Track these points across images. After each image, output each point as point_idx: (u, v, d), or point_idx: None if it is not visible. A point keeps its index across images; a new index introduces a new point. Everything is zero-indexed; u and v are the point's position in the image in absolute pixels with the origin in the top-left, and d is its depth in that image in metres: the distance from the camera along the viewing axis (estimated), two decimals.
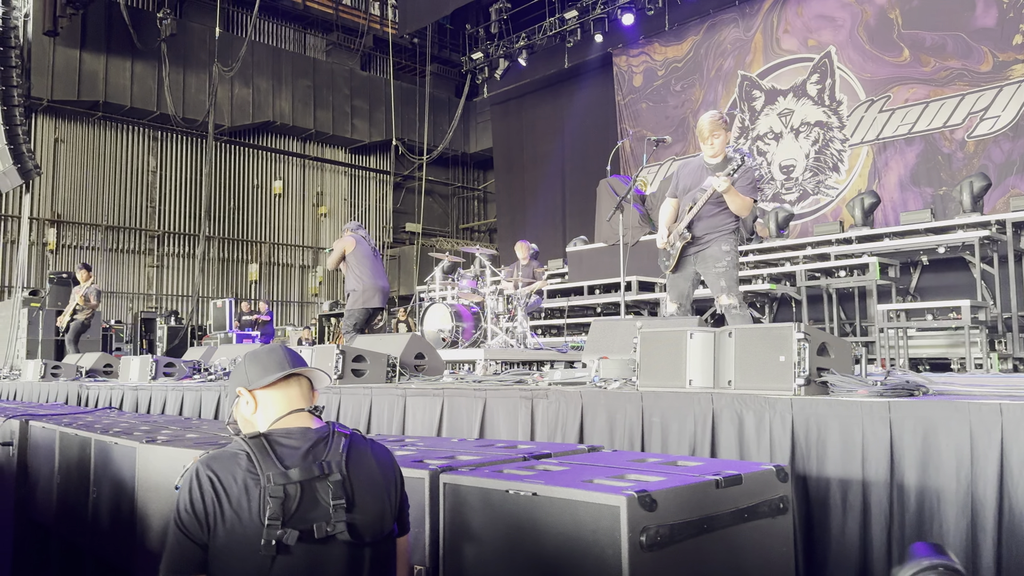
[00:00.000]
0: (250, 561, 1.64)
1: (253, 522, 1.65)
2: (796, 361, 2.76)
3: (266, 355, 1.90)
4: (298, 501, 1.67)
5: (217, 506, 1.67)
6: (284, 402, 1.84)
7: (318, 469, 1.71)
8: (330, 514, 1.69)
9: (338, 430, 1.84)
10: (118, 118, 17.49)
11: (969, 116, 10.56)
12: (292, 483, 1.68)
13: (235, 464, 1.71)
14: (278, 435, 1.77)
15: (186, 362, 6.79)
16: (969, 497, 2.27)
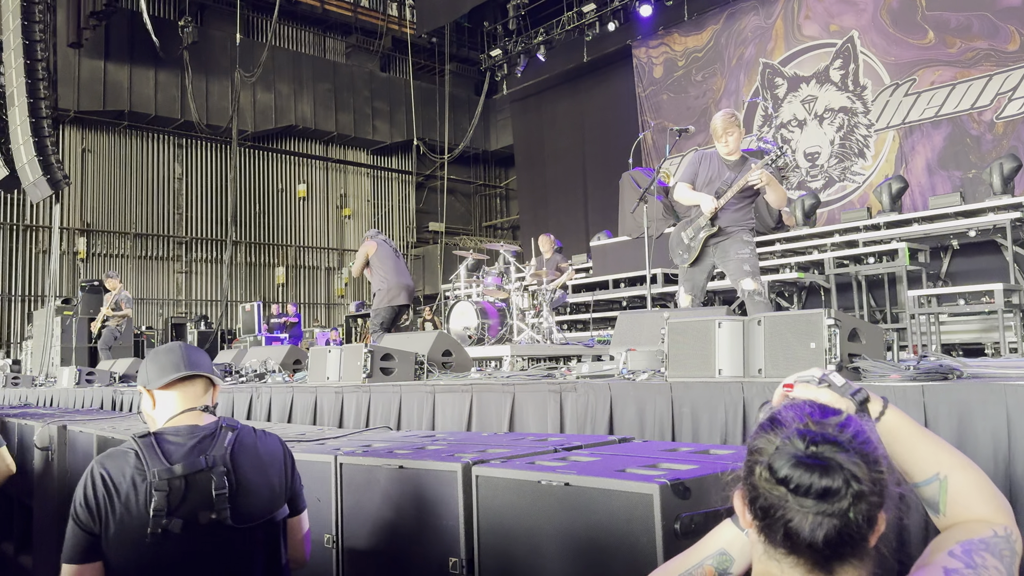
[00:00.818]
0: (140, 549, 1.80)
1: (141, 514, 1.80)
2: (827, 348, 2.74)
3: (164, 355, 2.04)
4: (183, 493, 1.83)
5: (107, 501, 1.83)
6: (179, 401, 2.00)
7: (202, 463, 1.87)
8: (214, 503, 1.84)
9: (226, 424, 2.00)
10: (143, 127, 17.74)
11: (997, 97, 10.37)
12: (176, 477, 1.84)
13: (125, 462, 1.87)
14: (168, 433, 1.94)
15: (217, 364, 6.88)
16: (1008, 480, 2.24)
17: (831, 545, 1.00)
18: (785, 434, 1.05)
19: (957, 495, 1.18)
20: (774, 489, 1.03)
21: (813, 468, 1.01)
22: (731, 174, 4.88)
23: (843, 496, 0.99)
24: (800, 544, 1.01)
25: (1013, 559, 1.12)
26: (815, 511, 1.00)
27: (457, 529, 2.02)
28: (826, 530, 1.00)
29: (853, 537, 1.01)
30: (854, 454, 1.02)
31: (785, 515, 1.02)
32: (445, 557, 2.04)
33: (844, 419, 1.07)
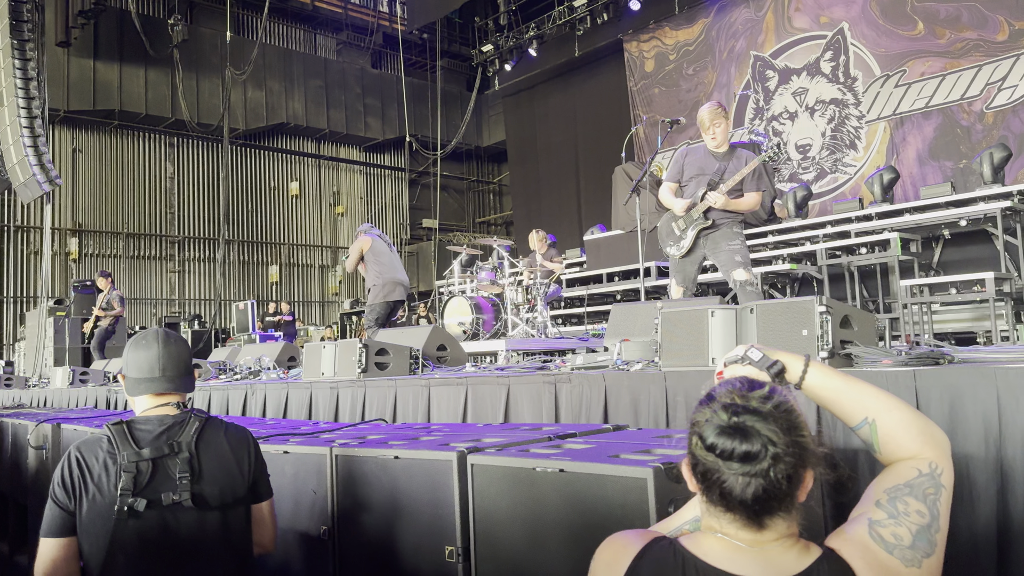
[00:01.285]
0: (109, 525, 1.98)
1: (111, 494, 1.99)
2: (819, 334, 2.75)
3: (143, 354, 2.19)
4: (149, 475, 2.01)
5: (82, 482, 2.02)
6: (153, 399, 2.19)
7: (168, 448, 2.05)
8: (177, 485, 2.01)
9: (195, 415, 2.17)
10: (134, 126, 17.67)
11: (987, 87, 10.41)
12: (144, 460, 2.02)
13: (98, 447, 2.06)
14: (139, 422, 2.12)
15: (212, 363, 6.87)
16: (999, 463, 2.26)
17: (759, 501, 1.16)
18: (714, 408, 1.21)
19: (887, 436, 1.29)
20: (707, 456, 1.18)
21: (735, 435, 1.16)
22: (721, 164, 4.89)
23: (762, 459, 1.14)
24: (733, 502, 1.17)
25: (938, 494, 1.22)
26: (740, 472, 1.15)
27: (453, 518, 2.02)
28: (753, 489, 1.15)
29: (778, 494, 1.15)
30: (772, 421, 1.16)
31: (720, 478, 1.17)
32: (441, 546, 2.05)
33: (768, 391, 1.21)
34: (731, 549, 1.19)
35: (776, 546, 1.19)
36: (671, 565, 1.21)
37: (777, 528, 1.18)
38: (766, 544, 1.18)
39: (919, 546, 1.19)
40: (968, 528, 2.28)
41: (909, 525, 1.20)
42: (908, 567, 1.17)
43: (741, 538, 1.19)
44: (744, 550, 1.18)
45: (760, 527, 1.18)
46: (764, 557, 1.18)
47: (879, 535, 1.19)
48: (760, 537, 1.18)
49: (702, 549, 1.21)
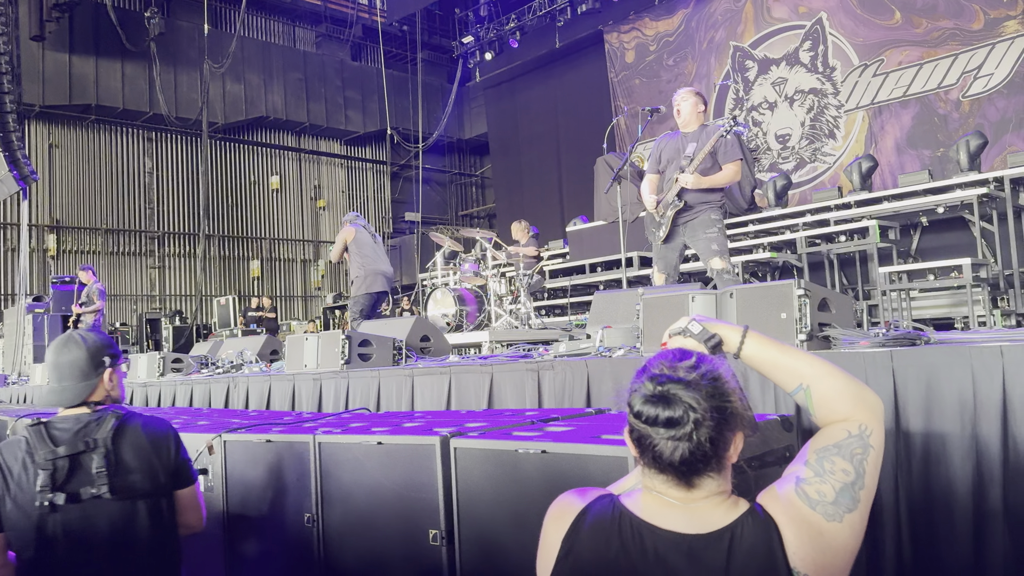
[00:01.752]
0: (33, 521, 2.10)
1: (31, 490, 2.10)
2: (797, 317, 2.79)
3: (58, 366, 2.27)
4: (67, 471, 2.12)
5: (3, 482, 2.15)
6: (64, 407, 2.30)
7: (83, 445, 2.14)
8: (95, 479, 2.11)
9: (111, 411, 2.25)
10: (112, 120, 17.46)
11: (963, 76, 10.51)
12: (60, 457, 2.12)
13: (18, 448, 2.17)
14: (57, 422, 2.22)
15: (194, 357, 6.83)
16: (973, 440, 2.30)
17: (686, 463, 1.25)
18: (644, 379, 1.29)
19: (821, 400, 1.35)
20: (638, 423, 1.28)
21: (658, 403, 1.25)
22: (692, 145, 4.90)
23: (685, 423, 1.23)
24: (664, 464, 1.26)
25: (866, 454, 1.30)
26: (666, 437, 1.24)
27: (436, 501, 2.03)
28: (681, 452, 1.24)
29: (705, 456, 1.24)
30: (695, 389, 1.25)
31: (651, 443, 1.26)
32: (425, 529, 2.05)
33: (695, 361, 1.29)
34: (664, 505, 1.29)
35: (706, 503, 1.27)
36: (609, 519, 1.30)
37: (707, 487, 1.27)
38: (697, 501, 1.28)
39: (841, 502, 1.25)
40: (945, 504, 2.31)
41: (833, 483, 1.26)
42: (829, 522, 1.24)
43: (673, 496, 1.28)
44: (676, 506, 1.28)
45: (690, 486, 1.27)
46: (693, 512, 1.27)
47: (804, 492, 1.26)
48: (691, 495, 1.28)
49: (638, 505, 1.31)
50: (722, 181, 4.86)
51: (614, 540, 1.28)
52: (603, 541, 1.29)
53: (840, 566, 1.24)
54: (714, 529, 1.25)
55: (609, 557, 1.27)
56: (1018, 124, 9.93)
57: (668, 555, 1.24)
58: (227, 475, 2.76)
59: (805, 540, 1.22)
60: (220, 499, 2.76)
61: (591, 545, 1.30)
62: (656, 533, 1.26)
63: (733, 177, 4.89)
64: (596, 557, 1.28)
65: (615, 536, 1.28)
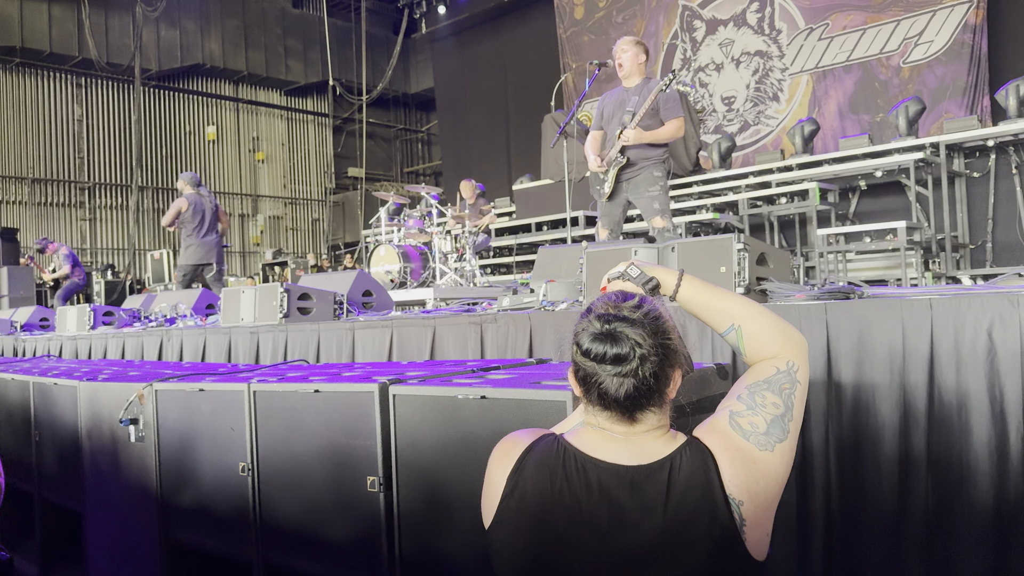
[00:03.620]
0: None
1: None
2: (736, 271, 2.82)
3: None
4: None
5: None
6: None
7: None
8: None
9: None
10: (37, 64, 16.60)
11: (904, 42, 10.70)
12: None
13: None
14: None
15: (125, 310, 6.63)
16: (902, 391, 2.37)
17: (631, 398, 1.30)
18: (590, 318, 1.34)
19: (751, 339, 1.43)
20: (585, 361, 1.32)
21: (606, 340, 1.30)
22: (635, 99, 4.86)
23: (631, 359, 1.29)
24: (609, 400, 1.31)
25: (793, 388, 1.38)
26: (613, 373, 1.29)
27: (375, 448, 2.01)
28: (626, 388, 1.30)
29: (647, 391, 1.31)
30: (639, 327, 1.30)
31: (597, 379, 1.31)
32: (364, 477, 2.03)
33: (638, 301, 1.35)
34: (607, 440, 1.34)
35: (647, 436, 1.34)
36: (554, 455, 1.35)
37: (648, 421, 1.33)
38: (638, 435, 1.34)
39: (773, 432, 1.33)
40: (872, 451, 2.39)
41: (764, 415, 1.34)
42: (762, 451, 1.31)
43: (616, 430, 1.34)
44: (618, 440, 1.34)
45: (633, 421, 1.33)
46: (635, 445, 1.33)
47: (737, 424, 1.34)
48: (633, 429, 1.34)
49: (582, 441, 1.36)
50: (664, 136, 4.83)
51: (558, 474, 1.32)
52: (547, 476, 1.33)
53: (772, 494, 1.31)
54: (654, 460, 1.31)
55: (553, 491, 1.31)
56: (955, 91, 10.18)
57: (610, 486, 1.29)
58: (159, 426, 2.68)
59: (739, 468, 1.29)
60: (153, 449, 2.68)
61: (536, 480, 1.34)
62: (599, 466, 1.31)
63: (675, 133, 4.86)
64: (541, 491, 1.33)
65: (559, 470, 1.33)
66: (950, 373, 2.27)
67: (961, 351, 2.26)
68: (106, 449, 2.94)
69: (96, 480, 3.04)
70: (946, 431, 2.26)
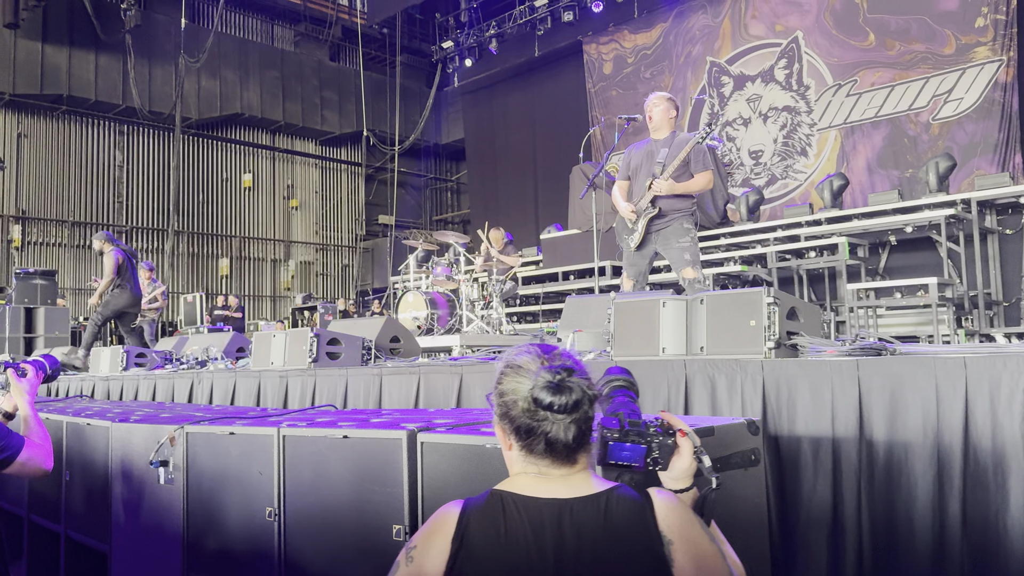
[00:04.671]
0: None
1: None
2: (766, 325, 2.81)
3: None
4: None
5: None
6: None
7: None
8: None
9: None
10: (83, 112, 17.18)
11: (933, 99, 10.73)
12: None
13: None
14: None
15: (157, 352, 6.72)
16: (935, 450, 2.33)
17: (575, 440, 1.40)
18: (534, 374, 1.40)
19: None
20: (537, 414, 1.38)
21: (563, 391, 1.38)
22: (663, 150, 4.92)
23: (583, 404, 1.39)
24: (558, 445, 1.39)
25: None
26: (568, 420, 1.38)
27: (402, 497, 2.01)
28: (573, 432, 1.39)
29: (587, 430, 1.42)
30: (577, 373, 1.41)
31: (544, 428, 1.38)
32: (389, 525, 2.03)
33: (561, 350, 1.45)
34: (544, 481, 1.41)
35: (581, 474, 1.43)
36: (493, 508, 1.39)
37: (583, 460, 1.44)
38: (575, 473, 1.42)
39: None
40: (906, 512, 2.34)
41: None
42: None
43: (556, 473, 1.42)
44: (555, 478, 1.41)
45: (573, 462, 1.42)
46: (571, 482, 1.41)
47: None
48: (572, 469, 1.42)
49: (518, 487, 1.42)
50: (694, 189, 4.90)
51: (500, 523, 1.37)
52: (491, 528, 1.37)
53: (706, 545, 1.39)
54: (591, 493, 1.40)
55: (500, 540, 1.36)
56: (986, 148, 10.15)
57: (553, 518, 1.36)
58: (188, 467, 2.71)
59: (671, 514, 1.39)
60: (181, 491, 2.70)
61: (481, 536, 1.37)
62: (539, 503, 1.38)
63: (705, 186, 4.94)
64: (488, 544, 1.36)
65: (500, 519, 1.37)
66: (985, 433, 2.23)
67: (997, 411, 2.22)
68: (135, 490, 2.97)
69: (123, 520, 3.06)
70: (982, 493, 2.21)
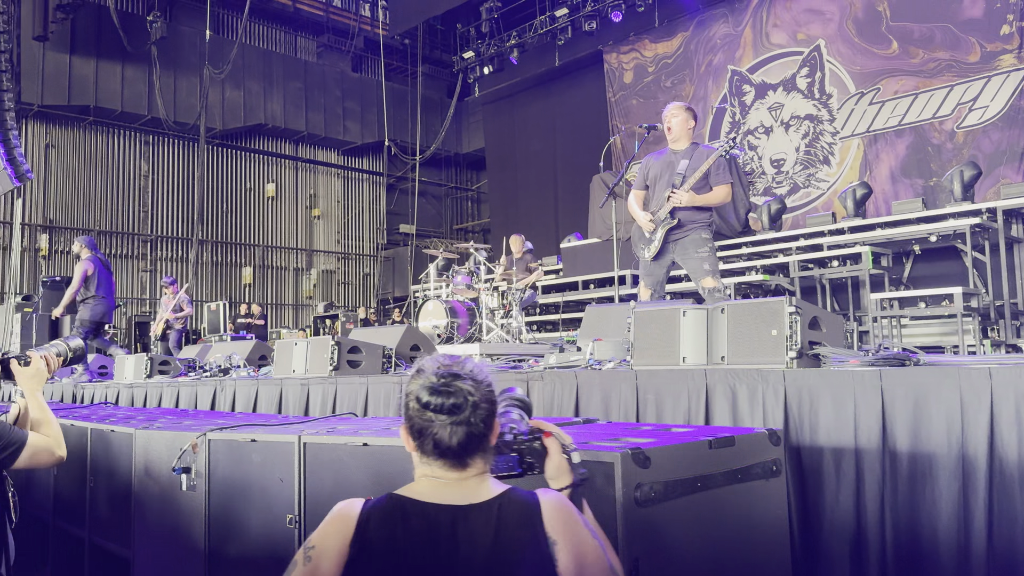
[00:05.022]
0: None
1: None
2: (788, 334, 2.78)
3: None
4: None
5: None
6: None
7: None
8: None
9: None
10: (109, 122, 17.45)
11: (958, 107, 10.62)
12: None
13: None
14: None
15: (181, 359, 6.79)
16: (960, 460, 2.30)
17: (463, 446, 1.46)
18: (425, 376, 1.50)
19: None
20: (424, 414, 1.46)
21: (442, 393, 1.45)
22: (683, 162, 4.92)
23: (465, 408, 1.45)
24: (444, 448, 1.46)
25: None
26: (449, 423, 1.45)
27: None
28: (459, 436, 1.45)
29: (477, 436, 1.47)
30: (468, 379, 1.47)
31: (432, 430, 1.46)
32: None
33: (463, 359, 1.55)
34: (438, 486, 1.48)
35: (475, 480, 1.49)
36: (391, 510, 1.47)
37: (476, 466, 1.49)
38: (468, 479, 1.49)
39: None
40: (930, 525, 2.31)
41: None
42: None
43: (448, 477, 1.49)
44: (449, 484, 1.48)
45: (464, 467, 1.48)
46: (464, 488, 1.48)
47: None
48: (463, 474, 1.48)
49: (415, 491, 1.50)
50: (713, 201, 4.91)
51: (398, 526, 1.45)
52: (389, 530, 1.45)
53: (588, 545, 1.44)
54: (484, 500, 1.46)
55: (397, 545, 1.44)
56: (1012, 156, 10.02)
57: (447, 525, 1.44)
58: (210, 474, 2.73)
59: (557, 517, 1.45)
60: (203, 498, 2.73)
61: (380, 537, 1.45)
62: (435, 509, 1.46)
63: (724, 199, 4.97)
64: (385, 549, 1.44)
65: (399, 522, 1.45)
66: (1011, 444, 2.20)
67: (1023, 422, 2.19)
68: (157, 496, 3.00)
69: (145, 526, 3.09)
70: (1008, 505, 2.18)
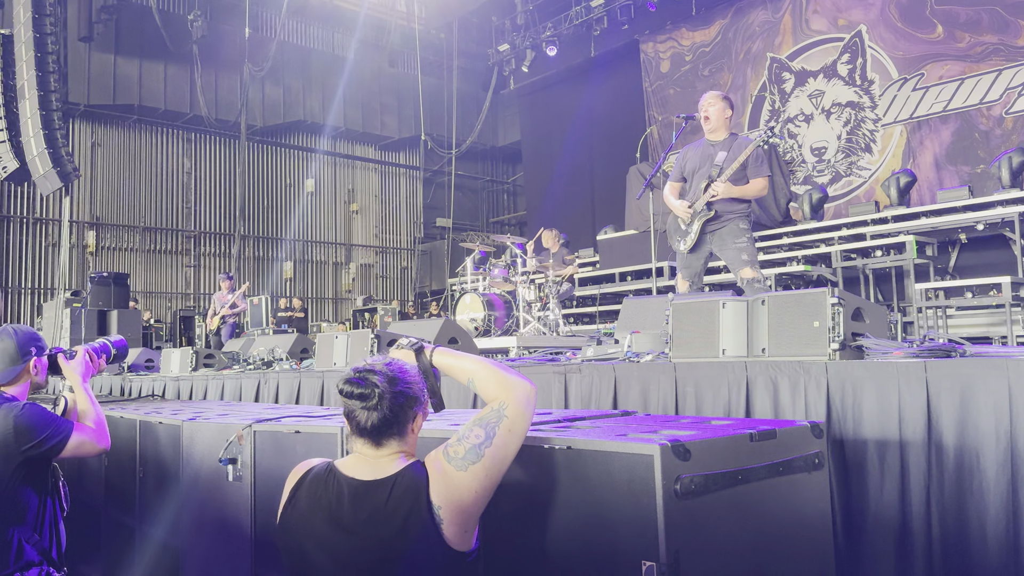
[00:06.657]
0: None
1: None
2: (830, 326, 2.75)
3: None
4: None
5: None
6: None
7: None
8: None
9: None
10: (153, 121, 17.82)
11: (1007, 92, 10.33)
12: None
13: None
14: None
15: (226, 353, 6.92)
16: (1009, 454, 2.25)
17: (376, 428, 1.78)
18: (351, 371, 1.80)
19: (482, 387, 1.86)
20: (345, 401, 1.78)
21: (355, 384, 1.77)
22: (720, 153, 4.87)
23: (372, 397, 1.76)
24: (362, 429, 1.79)
25: (499, 422, 1.76)
26: (361, 407, 1.77)
27: None
28: (372, 420, 1.77)
29: (389, 422, 1.78)
30: (381, 375, 1.77)
31: (354, 414, 1.79)
32: None
33: (388, 359, 1.84)
34: (360, 462, 1.81)
35: (387, 459, 1.80)
36: (323, 474, 1.85)
37: (390, 447, 1.80)
38: (382, 458, 1.80)
39: (468, 458, 1.73)
40: (978, 519, 2.27)
41: (467, 444, 1.74)
42: (457, 471, 1.72)
43: (367, 453, 1.81)
44: (367, 460, 1.81)
45: (379, 446, 1.80)
46: (377, 465, 1.79)
47: (447, 452, 1.76)
48: (378, 452, 1.80)
49: (345, 464, 1.84)
50: (751, 193, 4.85)
51: (321, 489, 1.81)
52: (315, 490, 1.82)
53: (467, 502, 1.72)
54: (385, 476, 1.77)
55: (316, 501, 1.80)
56: None
57: (350, 495, 1.77)
58: (256, 465, 2.79)
59: (441, 484, 1.72)
60: (249, 488, 2.79)
61: (307, 494, 1.84)
62: (348, 480, 1.79)
63: (760, 191, 4.91)
64: (309, 502, 1.82)
65: (322, 486, 1.81)
66: None
67: None
68: (204, 487, 3.07)
69: (194, 516, 3.17)
70: None
